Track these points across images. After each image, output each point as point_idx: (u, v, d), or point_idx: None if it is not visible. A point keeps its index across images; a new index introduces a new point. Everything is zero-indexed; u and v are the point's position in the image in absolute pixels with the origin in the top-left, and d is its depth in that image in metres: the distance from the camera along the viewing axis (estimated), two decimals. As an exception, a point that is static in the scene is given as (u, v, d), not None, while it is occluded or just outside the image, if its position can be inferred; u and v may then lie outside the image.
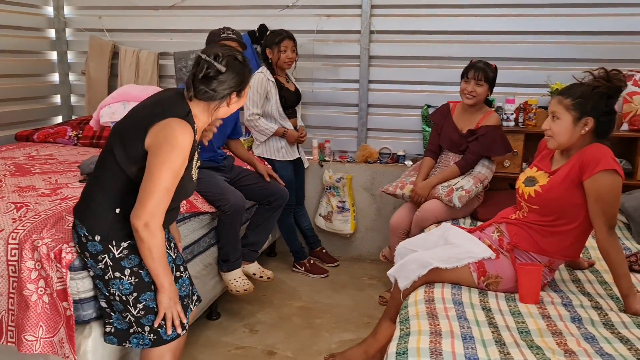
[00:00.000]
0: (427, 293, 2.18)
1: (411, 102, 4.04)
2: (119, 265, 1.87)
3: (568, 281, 2.42)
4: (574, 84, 2.23)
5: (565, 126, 2.18)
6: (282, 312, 3.33)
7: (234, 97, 1.90)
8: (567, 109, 2.16)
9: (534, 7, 3.73)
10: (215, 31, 3.11)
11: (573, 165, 2.16)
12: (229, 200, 2.88)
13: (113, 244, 1.86)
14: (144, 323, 1.93)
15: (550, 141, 2.25)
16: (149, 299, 1.92)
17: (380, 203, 4.07)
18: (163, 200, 1.79)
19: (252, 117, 3.64)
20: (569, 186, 2.17)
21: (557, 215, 2.22)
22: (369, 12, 3.97)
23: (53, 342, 2.03)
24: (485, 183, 3.23)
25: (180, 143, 1.77)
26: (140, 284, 1.90)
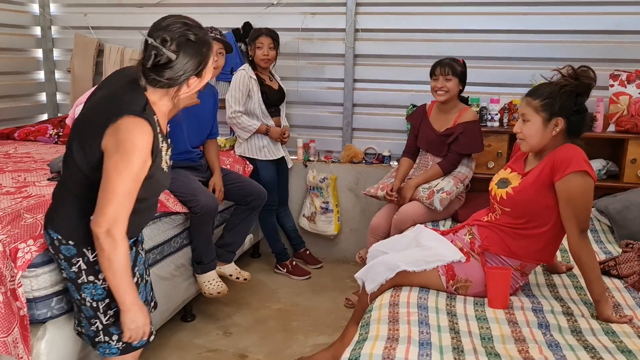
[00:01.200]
0: (393, 297, 2.12)
1: (397, 101, 3.98)
2: (93, 270, 1.79)
3: (543, 285, 2.36)
4: (542, 83, 2.17)
5: (536, 128, 2.11)
6: (259, 314, 3.28)
7: (192, 80, 1.71)
8: (536, 110, 2.10)
9: (519, 6, 3.66)
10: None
11: (544, 167, 2.10)
12: (200, 202, 2.83)
13: (88, 248, 1.77)
14: (112, 332, 1.85)
15: (522, 144, 2.19)
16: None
17: (364, 204, 4.01)
18: (124, 205, 1.66)
19: (234, 115, 3.59)
20: (540, 188, 2.10)
21: (529, 218, 2.15)
22: (354, 10, 3.91)
23: (7, 342, 1.97)
24: (465, 182, 3.17)
25: (137, 145, 1.61)
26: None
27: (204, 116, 3.14)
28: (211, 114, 3.23)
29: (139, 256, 1.98)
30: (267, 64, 3.65)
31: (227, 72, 4.03)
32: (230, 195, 3.21)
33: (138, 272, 1.93)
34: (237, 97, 3.58)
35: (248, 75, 3.58)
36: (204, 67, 1.71)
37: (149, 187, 1.75)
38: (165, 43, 1.61)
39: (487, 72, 3.78)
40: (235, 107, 3.58)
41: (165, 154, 1.81)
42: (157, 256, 2.72)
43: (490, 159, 3.51)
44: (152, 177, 1.73)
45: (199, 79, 1.73)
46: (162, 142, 1.76)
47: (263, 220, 3.85)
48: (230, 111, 3.60)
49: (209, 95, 3.17)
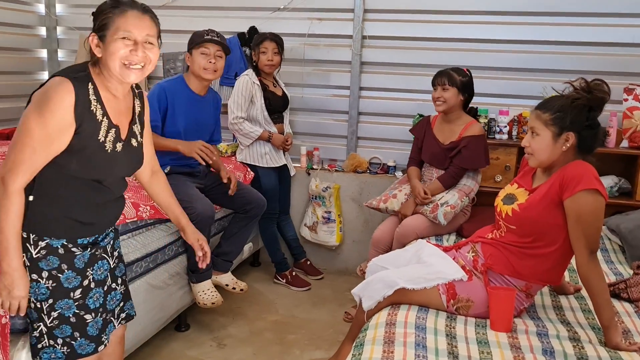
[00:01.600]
0: (390, 315, 2.02)
1: (403, 110, 3.89)
2: (37, 267, 1.71)
3: (549, 307, 2.25)
4: (552, 96, 2.07)
5: (545, 143, 2.01)
6: (255, 326, 3.18)
7: (94, 41, 1.65)
8: (546, 124, 2.00)
9: (530, 15, 3.57)
10: (199, 32, 2.99)
11: (553, 184, 2.00)
12: (196, 209, 2.74)
13: (31, 242, 1.69)
14: (57, 334, 1.76)
15: (530, 159, 2.09)
16: (65, 307, 1.75)
17: (368, 215, 3.91)
18: (26, 159, 1.58)
19: (236, 121, 3.52)
20: (548, 205, 2.00)
21: (535, 237, 2.05)
22: (361, 17, 3.83)
23: (-15, 351, 1.90)
24: (471, 196, 3.07)
25: (52, 98, 1.56)
26: (58, 290, 1.73)
27: (204, 121, 3.07)
28: (212, 119, 3.16)
29: (103, 261, 1.85)
30: (271, 70, 3.58)
31: (231, 76, 3.97)
32: (229, 202, 3.13)
33: (94, 275, 1.81)
34: (240, 102, 3.51)
35: (251, 80, 3.51)
36: (103, 26, 1.63)
37: (82, 162, 1.67)
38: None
39: (497, 82, 3.68)
40: (238, 112, 3.51)
41: (109, 133, 1.71)
42: (150, 264, 2.64)
43: (498, 172, 3.41)
44: (85, 150, 1.66)
45: (105, 45, 1.63)
46: (102, 117, 1.68)
47: (263, 229, 3.77)
48: (232, 117, 3.53)
49: (210, 100, 3.10)
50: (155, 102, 2.87)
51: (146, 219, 2.59)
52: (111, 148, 1.72)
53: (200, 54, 2.92)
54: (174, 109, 2.91)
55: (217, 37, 2.99)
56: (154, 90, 2.93)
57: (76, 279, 1.76)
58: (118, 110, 1.75)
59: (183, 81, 3.00)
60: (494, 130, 3.49)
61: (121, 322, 1.98)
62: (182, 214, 2.14)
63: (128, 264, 2.45)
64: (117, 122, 1.74)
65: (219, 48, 2.96)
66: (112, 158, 1.73)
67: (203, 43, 2.93)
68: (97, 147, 1.69)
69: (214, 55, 2.93)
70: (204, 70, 2.92)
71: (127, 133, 1.79)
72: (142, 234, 2.58)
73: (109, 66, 1.65)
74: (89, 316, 1.80)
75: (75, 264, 1.76)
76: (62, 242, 1.73)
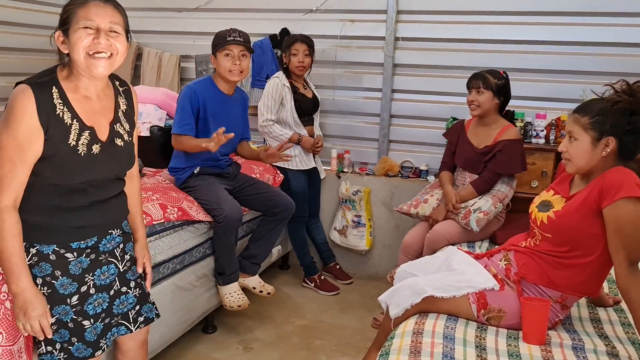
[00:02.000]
0: (417, 324, 1.96)
1: (436, 113, 3.81)
2: (31, 274, 1.67)
3: (586, 320, 2.14)
4: (592, 99, 1.97)
5: (584, 148, 1.92)
6: (282, 330, 3.16)
7: (60, 38, 1.62)
8: (585, 128, 1.91)
9: (569, 16, 3.44)
10: (221, 33, 2.96)
11: (591, 191, 1.90)
12: (224, 210, 2.73)
13: (28, 249, 1.68)
14: (55, 339, 1.74)
15: (568, 165, 2.00)
16: (63, 313, 1.73)
17: (398, 219, 3.84)
18: (7, 175, 1.56)
19: (266, 123, 3.50)
20: (586, 214, 1.91)
21: (572, 246, 1.96)
22: (394, 18, 3.77)
23: (12, 350, 1.90)
24: (505, 202, 2.97)
25: (14, 107, 1.54)
26: (54, 296, 1.71)
27: (234, 120, 3.06)
28: (241, 119, 3.16)
29: (108, 266, 1.82)
30: (301, 72, 3.55)
31: (262, 78, 3.96)
32: (257, 205, 3.12)
33: (95, 281, 1.78)
34: (270, 105, 3.49)
35: (281, 83, 3.49)
36: (65, 20, 1.60)
37: (56, 169, 1.63)
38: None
39: (534, 85, 3.56)
40: (267, 115, 3.49)
41: (81, 136, 1.66)
42: (178, 266, 2.64)
43: (534, 177, 3.30)
44: (56, 156, 1.61)
45: (68, 39, 1.60)
46: (72, 120, 1.63)
47: (292, 232, 3.74)
48: (262, 120, 3.52)
49: (238, 99, 3.10)
50: (188, 104, 2.87)
51: (174, 221, 2.59)
52: (85, 151, 1.66)
53: (224, 57, 2.90)
54: (205, 110, 2.91)
55: (240, 37, 2.94)
56: (184, 92, 2.92)
57: (72, 285, 1.73)
58: (92, 111, 1.69)
59: (212, 82, 3.00)
60: (530, 135, 3.38)
61: (139, 326, 1.95)
62: (141, 226, 2.00)
63: (155, 266, 2.45)
64: (92, 124, 1.68)
65: (242, 48, 2.92)
66: (88, 161, 1.67)
67: (226, 45, 2.90)
68: (69, 152, 1.63)
69: (238, 56, 2.90)
70: (230, 73, 2.90)
71: (108, 133, 1.73)
72: (170, 235, 2.58)
73: (75, 60, 1.61)
74: (87, 322, 1.77)
75: (70, 270, 1.72)
76: (53, 248, 1.69)
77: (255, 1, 4.12)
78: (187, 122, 2.88)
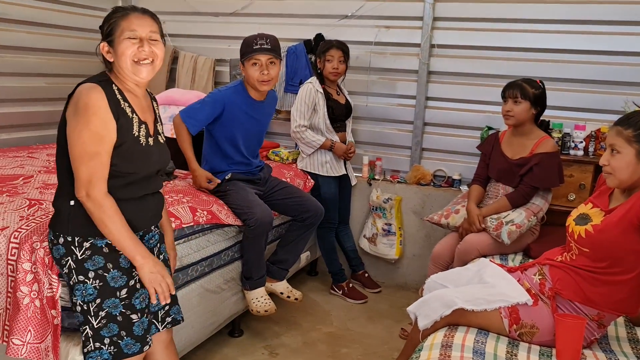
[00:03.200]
0: (446, 337, 1.91)
1: (471, 122, 3.74)
2: (83, 268, 1.75)
3: (624, 340, 2.06)
4: (635, 111, 1.91)
5: (627, 161, 1.85)
6: (308, 336, 3.13)
7: (106, 48, 1.77)
8: (629, 141, 1.84)
9: (610, 25, 3.34)
10: (248, 40, 2.89)
11: (633, 205, 1.83)
12: (255, 214, 2.73)
13: (75, 244, 1.75)
14: (104, 334, 1.77)
15: (609, 178, 1.93)
16: (112, 306, 1.77)
17: (429, 229, 3.78)
18: (94, 167, 1.69)
19: (299, 129, 3.49)
20: (627, 229, 1.84)
21: (611, 262, 1.89)
22: (430, 25, 3.72)
23: (40, 348, 1.94)
24: (539, 215, 2.88)
25: (89, 103, 1.68)
26: (105, 289, 1.76)
27: (262, 122, 3.06)
28: (268, 122, 3.17)
29: None
30: (335, 78, 3.54)
31: (296, 83, 3.96)
32: (287, 209, 3.10)
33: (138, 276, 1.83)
34: (303, 110, 3.48)
35: (314, 88, 3.48)
36: (109, 33, 1.75)
37: (122, 157, 1.75)
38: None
39: (573, 95, 3.47)
40: (300, 121, 3.48)
41: (142, 128, 1.82)
42: (206, 268, 2.65)
43: (572, 190, 3.20)
44: (124, 145, 1.75)
45: (114, 48, 1.75)
46: (132, 114, 1.79)
47: (321, 238, 3.72)
48: (294, 125, 3.51)
49: (270, 102, 3.09)
50: (209, 107, 2.86)
51: (203, 224, 2.59)
52: (145, 142, 1.82)
53: (252, 66, 2.82)
54: (231, 116, 2.87)
55: (267, 44, 2.83)
56: (216, 94, 2.91)
57: (122, 279, 1.79)
58: (142, 108, 1.85)
59: (243, 89, 2.94)
60: (568, 146, 3.28)
61: (166, 326, 1.98)
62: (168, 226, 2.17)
63: (183, 268, 2.46)
64: (144, 119, 1.84)
65: (270, 56, 2.82)
66: (147, 151, 1.82)
67: (253, 54, 2.82)
68: (134, 141, 1.78)
69: (266, 65, 2.82)
70: (259, 83, 2.84)
71: (153, 130, 1.88)
72: (199, 238, 2.59)
73: (122, 67, 1.76)
74: (135, 316, 1.81)
75: (120, 263, 1.79)
76: (106, 241, 1.77)
77: (291, 6, 4.13)
78: (197, 118, 2.86)
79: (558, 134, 3.30)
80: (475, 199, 3.03)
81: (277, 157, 3.83)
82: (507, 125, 2.94)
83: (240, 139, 2.92)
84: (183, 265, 2.46)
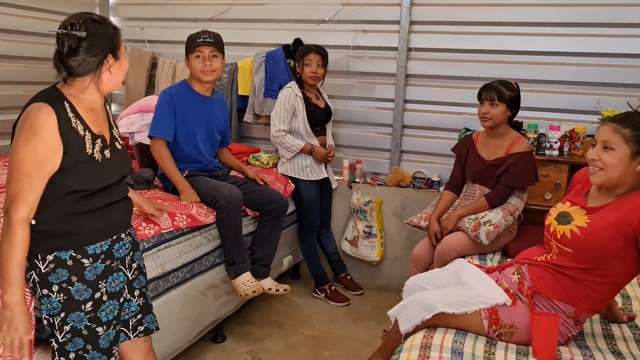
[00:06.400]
0: (425, 338, 1.93)
1: (449, 124, 3.79)
2: (46, 281, 1.71)
3: (599, 336, 2.10)
4: (631, 112, 1.94)
5: (620, 159, 1.87)
6: (291, 340, 3.14)
7: (111, 61, 1.73)
8: (626, 140, 1.86)
9: (583, 27, 3.41)
10: (192, 35, 3.01)
11: (630, 213, 1.85)
12: (224, 193, 2.79)
13: (38, 258, 1.71)
14: (69, 349, 1.75)
15: (597, 174, 1.93)
16: (77, 320, 1.74)
17: (410, 231, 3.81)
18: (22, 188, 1.62)
19: (279, 134, 3.51)
20: (616, 235, 1.86)
21: (592, 265, 1.92)
22: (407, 29, 3.77)
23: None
24: (516, 215, 2.94)
25: (35, 124, 1.62)
26: (69, 303, 1.73)
27: (214, 121, 3.09)
28: (222, 117, 3.18)
29: (118, 273, 1.84)
30: (314, 82, 3.56)
31: (275, 88, 3.97)
32: (251, 204, 3.11)
33: (108, 288, 1.80)
34: (282, 115, 3.50)
35: (294, 93, 3.50)
36: (116, 45, 1.75)
37: (77, 177, 1.70)
38: (74, 26, 1.68)
39: (547, 96, 3.53)
40: (280, 125, 3.50)
41: (95, 144, 1.75)
42: (187, 274, 2.65)
43: (548, 190, 3.26)
44: (77, 166, 1.69)
45: (116, 61, 1.75)
46: (84, 132, 1.72)
47: (303, 241, 3.74)
48: (274, 130, 3.52)
49: (217, 100, 3.15)
50: (165, 108, 2.93)
51: (183, 229, 2.59)
52: (101, 157, 1.76)
53: (195, 58, 2.95)
54: (183, 112, 2.95)
55: (210, 38, 2.98)
56: (161, 97, 2.98)
57: (87, 292, 1.75)
58: (98, 121, 1.79)
59: (187, 85, 3.04)
60: (543, 147, 3.34)
61: (138, 335, 1.95)
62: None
63: (164, 275, 2.46)
64: (100, 132, 1.78)
65: (212, 49, 2.96)
66: (103, 166, 1.77)
67: (196, 47, 2.95)
68: (88, 160, 1.72)
69: (209, 57, 2.94)
70: (202, 73, 2.95)
71: (109, 139, 1.83)
72: (180, 244, 2.59)
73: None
74: (100, 329, 1.78)
75: (85, 276, 1.75)
76: (70, 254, 1.73)
77: (269, 11, 4.14)
78: (164, 126, 2.91)
79: (533, 135, 3.35)
80: (443, 207, 3.08)
81: (258, 161, 3.84)
82: (484, 127, 2.99)
83: (197, 135, 2.97)
84: (164, 272, 2.46)
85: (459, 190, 3.13)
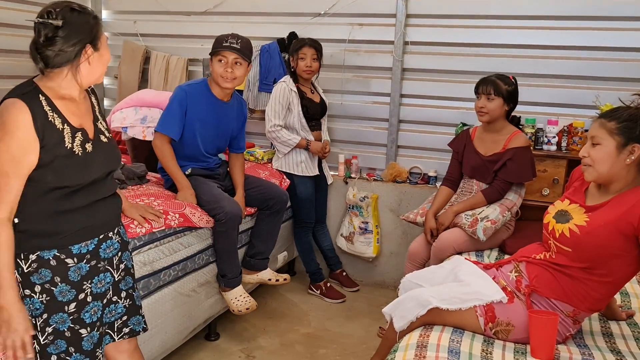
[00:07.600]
0: (422, 337, 1.90)
1: (445, 119, 3.74)
2: (29, 281, 1.66)
3: (597, 334, 2.07)
4: (618, 107, 1.91)
5: (607, 152, 1.85)
6: (285, 338, 3.10)
7: (90, 51, 1.65)
8: (611, 133, 1.83)
9: (582, 20, 3.36)
10: (220, 36, 2.86)
11: (627, 212, 1.81)
12: (224, 208, 2.71)
13: (21, 257, 1.65)
14: (51, 352, 1.69)
15: (588, 171, 1.91)
16: (60, 321, 1.69)
17: (406, 226, 3.77)
18: (3, 188, 1.58)
19: (274, 129, 3.46)
20: (614, 233, 1.83)
21: (592, 264, 1.88)
22: (403, 22, 3.71)
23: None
24: (513, 211, 2.90)
25: (7, 122, 1.56)
26: (52, 303, 1.67)
27: (224, 127, 2.99)
28: (235, 126, 3.06)
29: (105, 274, 1.79)
30: (309, 76, 3.51)
31: (269, 82, 3.92)
32: (251, 201, 3.06)
33: (92, 288, 1.75)
34: (277, 110, 3.45)
35: (288, 87, 3.45)
36: (96, 35, 1.67)
37: (57, 172, 1.64)
38: (50, 14, 1.60)
39: (545, 91, 3.49)
40: (275, 120, 3.45)
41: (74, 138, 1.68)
42: (179, 272, 2.60)
43: (546, 185, 3.22)
44: (56, 161, 1.63)
45: (96, 52, 1.67)
46: (63, 125, 1.65)
47: (299, 238, 3.70)
48: (269, 125, 3.47)
49: (234, 106, 3.03)
50: (177, 105, 2.83)
51: (175, 227, 2.55)
52: (81, 151, 1.69)
53: (218, 62, 2.81)
54: (193, 113, 2.85)
55: (237, 44, 2.81)
56: (176, 93, 2.88)
57: (70, 292, 1.70)
58: (78, 113, 1.72)
59: (206, 85, 2.92)
60: (541, 141, 3.30)
61: (122, 337, 1.90)
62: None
63: (155, 272, 2.42)
64: (80, 124, 1.71)
65: (236, 56, 2.79)
66: (84, 160, 1.70)
67: (221, 51, 2.80)
68: (67, 155, 1.66)
69: (232, 64, 2.80)
70: (222, 79, 2.81)
71: (93, 132, 1.76)
72: (171, 242, 2.54)
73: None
74: (84, 330, 1.73)
75: (69, 276, 1.69)
76: (54, 253, 1.67)
77: (263, 5, 4.08)
78: (172, 123, 2.82)
79: (531, 129, 3.31)
80: (440, 203, 3.04)
81: (252, 157, 3.79)
82: (481, 121, 2.94)
83: (199, 136, 2.89)
84: (155, 270, 2.41)
85: (456, 186, 3.09)
